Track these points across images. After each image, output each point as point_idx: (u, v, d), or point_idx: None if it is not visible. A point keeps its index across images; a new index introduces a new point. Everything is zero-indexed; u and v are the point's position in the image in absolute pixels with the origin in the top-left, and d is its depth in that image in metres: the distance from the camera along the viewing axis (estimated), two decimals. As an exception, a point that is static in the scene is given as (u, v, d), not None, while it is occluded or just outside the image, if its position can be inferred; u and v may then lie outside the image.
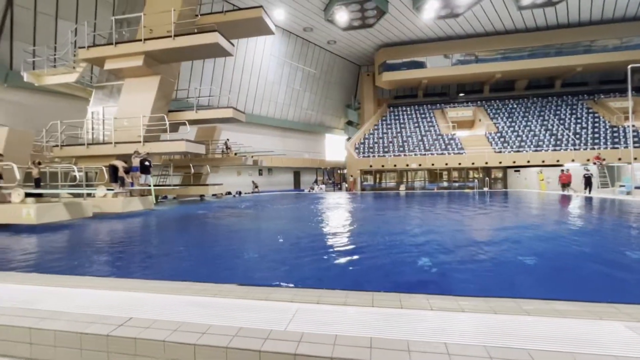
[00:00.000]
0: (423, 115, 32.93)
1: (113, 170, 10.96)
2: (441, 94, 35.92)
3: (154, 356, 1.89)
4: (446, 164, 25.90)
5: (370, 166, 27.11)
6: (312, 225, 9.06)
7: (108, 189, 10.60)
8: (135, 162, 11.06)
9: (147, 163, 11.19)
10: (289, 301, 2.61)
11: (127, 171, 10.90)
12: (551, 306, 2.48)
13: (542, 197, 17.93)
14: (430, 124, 31.32)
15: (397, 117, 33.50)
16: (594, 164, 21.00)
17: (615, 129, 25.65)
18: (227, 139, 21.03)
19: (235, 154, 19.61)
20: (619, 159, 22.58)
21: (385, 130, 31.49)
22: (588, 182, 18.16)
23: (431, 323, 2.16)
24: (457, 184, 27.65)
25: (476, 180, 26.84)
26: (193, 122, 16.46)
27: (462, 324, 2.15)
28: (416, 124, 31.65)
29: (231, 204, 16.90)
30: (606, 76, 31.68)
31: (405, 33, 29.25)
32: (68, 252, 6.09)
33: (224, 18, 14.75)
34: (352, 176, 27.74)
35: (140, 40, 12.89)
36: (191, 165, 17.22)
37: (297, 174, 34.30)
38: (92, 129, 14.83)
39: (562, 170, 20.42)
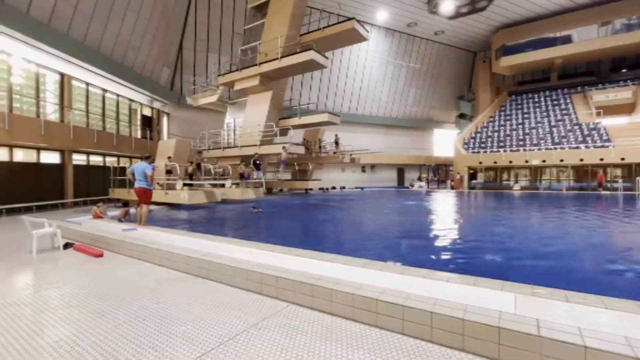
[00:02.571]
0: (556, 102, 27.71)
1: (240, 173, 14.95)
2: (586, 73, 29.21)
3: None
4: (581, 160, 21.39)
5: (480, 162, 24.90)
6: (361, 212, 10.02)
7: (233, 183, 14.16)
8: (250, 162, 14.36)
9: (258, 162, 14.30)
10: (420, 276, 4.00)
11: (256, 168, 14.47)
12: None
13: None
14: (564, 111, 26.16)
15: (519, 106, 29.26)
16: None
17: None
18: (337, 134, 23.43)
19: (335, 152, 21.72)
20: None
21: (502, 122, 28.07)
22: None
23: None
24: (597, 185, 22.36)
25: (638, 180, 21.04)
26: (298, 127, 19.31)
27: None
28: (544, 113, 26.97)
29: (327, 196, 19.05)
30: None
31: (528, 8, 25.33)
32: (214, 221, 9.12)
33: (322, 34, 16.84)
34: (458, 173, 26.09)
35: (257, 64, 16.23)
36: (295, 163, 20.24)
37: (400, 170, 34.26)
38: (227, 136, 19.39)
39: None
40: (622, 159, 20.27)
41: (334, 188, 28.18)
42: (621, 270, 4.32)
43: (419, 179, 32.08)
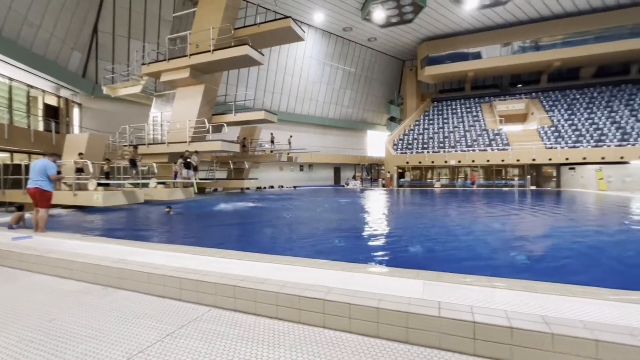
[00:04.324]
0: (469, 110, 31.48)
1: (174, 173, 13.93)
2: (492, 86, 33.79)
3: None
4: (487, 161, 24.70)
5: (407, 162, 27.05)
6: (296, 208, 10.21)
7: (158, 182, 13.03)
8: (179, 160, 13.38)
9: (188, 160, 13.41)
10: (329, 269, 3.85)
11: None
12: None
13: (593, 197, 16.45)
14: (475, 118, 29.88)
15: (440, 112, 32.54)
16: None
17: None
18: (272, 133, 23.16)
19: (272, 151, 21.51)
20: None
21: (426, 126, 30.90)
22: None
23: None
24: (502, 182, 26.13)
25: (528, 178, 25.02)
26: (233, 124, 18.60)
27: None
28: (460, 119, 30.45)
29: (263, 195, 18.77)
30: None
31: (447, 25, 28.30)
32: (129, 225, 8.18)
33: (257, 30, 16.46)
34: (388, 172, 27.97)
35: (187, 55, 15.18)
36: (230, 161, 19.51)
37: (337, 169, 35.40)
38: (152, 131, 17.77)
39: None
40: (518, 160, 23.96)
41: (271, 187, 27.92)
42: (511, 254, 5.09)
43: (354, 177, 33.59)
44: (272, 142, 22.54)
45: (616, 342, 1.89)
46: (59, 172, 6.30)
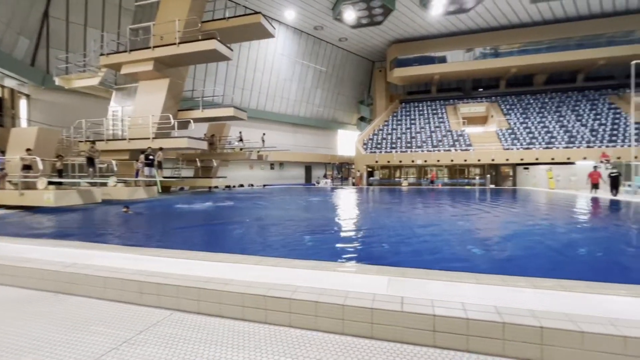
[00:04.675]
0: (434, 111, 32.77)
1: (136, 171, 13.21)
2: (456, 89, 35.41)
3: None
4: (451, 161, 25.89)
5: (376, 162, 27.66)
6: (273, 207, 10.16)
7: (119, 180, 12.28)
8: (142, 157, 12.70)
9: (151, 157, 12.77)
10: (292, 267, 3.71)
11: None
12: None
13: (544, 195, 17.77)
14: (440, 120, 31.17)
15: (408, 113, 33.58)
16: (601, 162, 20.23)
17: (637, 126, 24.32)
18: (240, 132, 22.64)
19: (241, 149, 21.05)
20: (635, 157, 21.57)
21: (394, 127, 31.76)
22: (614, 182, 15.63)
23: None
24: (465, 181, 27.52)
25: (488, 177, 26.51)
26: (200, 120, 17.97)
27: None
28: (426, 120, 31.62)
29: (231, 194, 18.35)
30: (636, 68, 29.76)
31: (415, 29, 29.24)
32: (85, 227, 7.61)
33: (226, 24, 16.01)
34: (358, 171, 28.44)
35: (150, 47, 14.44)
36: (197, 159, 18.85)
37: (308, 168, 35.43)
38: (112, 126, 16.73)
39: (595, 168, 17.32)
40: (479, 160, 25.35)
41: (241, 186, 27.37)
42: (469, 248, 5.37)
43: (325, 176, 33.79)
44: (241, 140, 22.08)
45: (558, 328, 2.06)
46: (1, 169, 5.75)
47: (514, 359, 2.10)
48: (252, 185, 28.03)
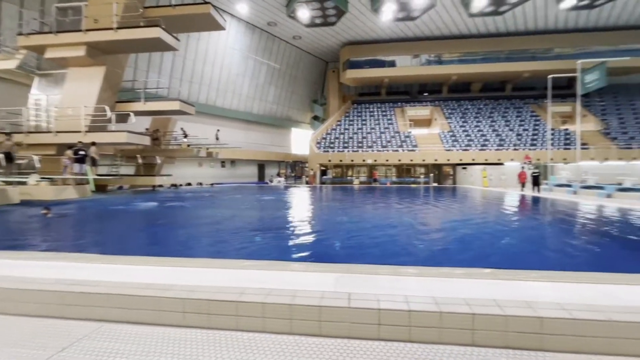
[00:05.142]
0: (384, 113, 34.24)
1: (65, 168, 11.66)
2: (404, 92, 37.36)
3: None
4: (399, 160, 27.32)
5: (329, 161, 28.11)
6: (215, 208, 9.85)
7: (42, 178, 10.85)
8: (69, 153, 11.35)
9: (82, 153, 11.48)
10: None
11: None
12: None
13: (478, 192, 19.52)
14: (389, 121, 32.67)
15: (359, 114, 34.63)
16: (525, 163, 22.89)
17: (552, 132, 27.93)
18: (182, 128, 21.35)
19: (188, 145, 19.94)
20: (551, 159, 24.76)
21: (347, 126, 32.55)
22: (536, 181, 17.87)
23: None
24: (411, 179, 29.19)
25: (431, 176, 28.39)
26: (142, 114, 16.64)
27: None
28: (377, 121, 32.91)
29: (178, 193, 17.32)
30: (554, 81, 34.13)
31: (367, 32, 30.23)
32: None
33: (172, 12, 14.98)
34: (312, 170, 28.64)
35: (82, 30, 12.98)
36: (138, 156, 17.42)
37: (261, 166, 34.80)
38: (35, 117, 14.74)
39: (522, 168, 19.84)
40: (424, 160, 27.09)
41: (188, 184, 25.93)
42: (415, 243, 5.71)
43: (278, 174, 33.47)
44: (185, 135, 20.80)
45: (487, 314, 2.25)
46: None
47: (450, 345, 2.26)
48: (200, 184, 26.72)
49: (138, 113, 15.58)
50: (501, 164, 25.77)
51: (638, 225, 7.97)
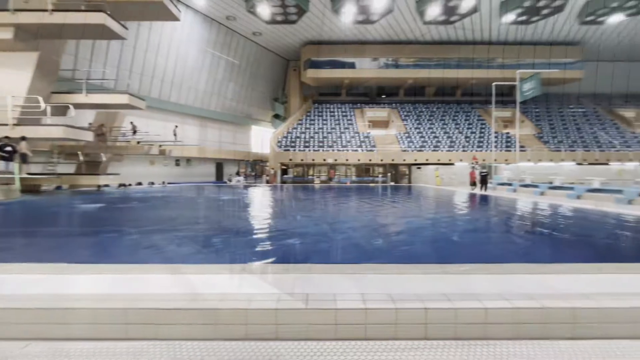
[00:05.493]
0: (344, 113, 34.83)
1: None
2: (363, 94, 38.30)
3: None
4: (358, 160, 28.00)
5: (290, 160, 27.95)
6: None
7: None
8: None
9: (8, 149, 10.17)
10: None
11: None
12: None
13: (432, 191, 20.62)
14: (349, 122, 33.31)
15: (320, 114, 34.87)
16: (473, 164, 24.70)
17: (496, 135, 30.43)
18: (132, 122, 19.89)
19: (139, 142, 18.60)
20: (495, 160, 26.96)
21: (308, 126, 32.60)
22: (484, 180, 19.06)
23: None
24: (370, 179, 30.05)
25: (389, 175, 29.42)
26: (85, 107, 15.20)
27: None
28: (337, 121, 33.39)
29: (126, 194, 16.09)
30: (497, 89, 37.21)
31: (328, 33, 30.47)
32: None
33: (120, -3, 13.82)
34: (272, 169, 28.26)
35: (9, 10, 11.49)
36: (79, 153, 15.86)
37: (219, 165, 33.57)
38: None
39: (472, 168, 21.18)
40: (381, 160, 28.01)
41: (139, 184, 24.18)
42: (373, 241, 5.84)
43: (237, 174, 32.56)
44: (134, 131, 19.43)
45: (438, 308, 2.35)
46: None
47: (404, 340, 2.32)
48: (152, 183, 25.05)
49: (80, 106, 14.18)
50: (452, 164, 27.51)
51: (563, 220, 8.95)
